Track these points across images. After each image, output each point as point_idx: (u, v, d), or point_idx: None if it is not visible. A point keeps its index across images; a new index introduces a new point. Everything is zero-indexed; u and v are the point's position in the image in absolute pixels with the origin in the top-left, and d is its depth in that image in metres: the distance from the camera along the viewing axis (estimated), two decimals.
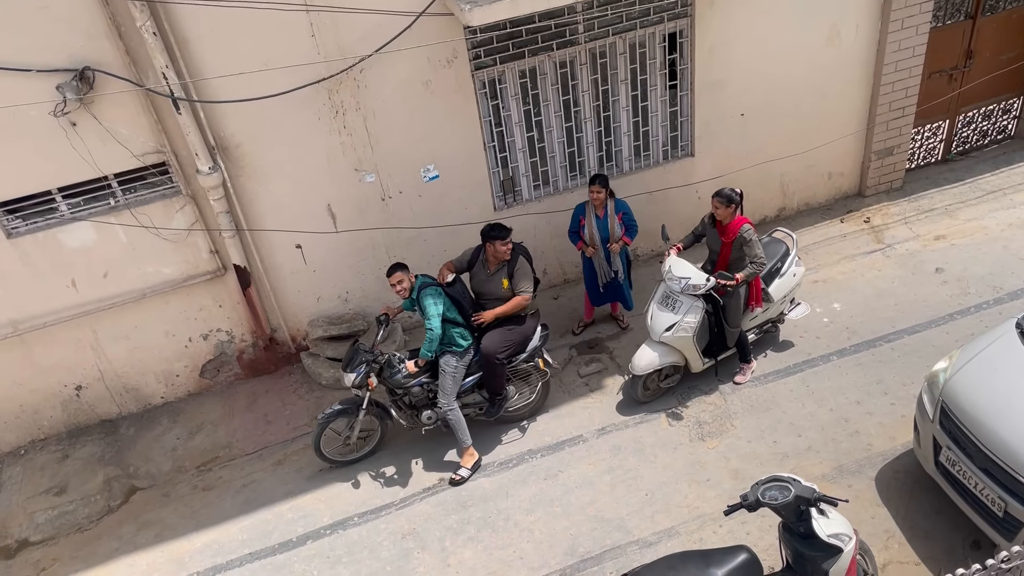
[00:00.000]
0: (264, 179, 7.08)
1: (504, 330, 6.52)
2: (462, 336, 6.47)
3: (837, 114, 8.70)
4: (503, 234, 6.40)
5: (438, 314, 6.26)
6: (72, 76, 6.05)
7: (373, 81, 6.91)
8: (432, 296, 6.30)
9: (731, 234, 6.53)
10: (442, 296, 6.37)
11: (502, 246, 6.41)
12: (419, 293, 6.36)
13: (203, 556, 6.35)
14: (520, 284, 6.49)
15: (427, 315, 6.25)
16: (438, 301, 6.30)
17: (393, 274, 6.37)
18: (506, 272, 6.51)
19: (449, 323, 6.39)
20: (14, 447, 7.62)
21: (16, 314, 6.97)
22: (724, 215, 6.52)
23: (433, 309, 6.25)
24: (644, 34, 7.62)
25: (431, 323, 6.24)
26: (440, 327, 6.27)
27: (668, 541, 5.86)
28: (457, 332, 6.45)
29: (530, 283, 6.58)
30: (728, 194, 6.48)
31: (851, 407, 6.68)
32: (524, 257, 6.59)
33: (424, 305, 6.28)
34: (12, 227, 6.66)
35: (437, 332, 6.27)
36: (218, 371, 7.98)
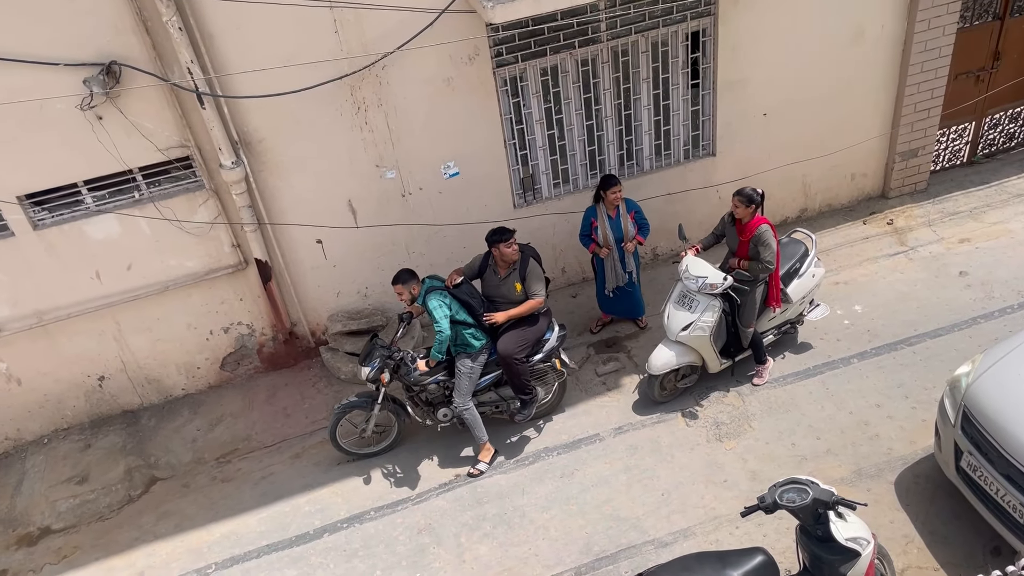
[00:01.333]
0: (286, 174, 7.13)
1: (519, 331, 6.51)
2: (474, 336, 6.46)
3: (861, 115, 8.62)
4: (506, 236, 6.36)
5: (445, 316, 6.25)
6: (99, 70, 6.12)
7: (395, 78, 6.94)
8: (437, 298, 6.29)
9: (748, 233, 6.51)
10: (447, 298, 6.35)
11: (507, 248, 6.37)
12: (424, 297, 6.36)
13: (221, 547, 6.41)
14: (533, 287, 6.47)
15: (434, 318, 6.25)
16: (443, 303, 6.29)
17: (395, 284, 6.37)
18: (518, 275, 6.49)
19: (459, 324, 6.38)
20: (38, 436, 7.73)
21: (41, 305, 7.06)
22: (744, 214, 6.49)
23: (439, 312, 6.24)
24: (667, 32, 7.59)
25: (439, 325, 6.23)
26: (448, 328, 6.26)
27: (684, 541, 5.85)
28: (469, 333, 6.44)
29: (543, 285, 6.56)
30: (749, 193, 6.45)
31: (871, 410, 6.62)
32: (533, 258, 6.57)
33: (429, 309, 6.28)
34: (38, 219, 6.75)
35: (446, 334, 6.25)
36: (238, 364, 8.05)
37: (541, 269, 6.63)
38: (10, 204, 6.55)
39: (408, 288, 6.36)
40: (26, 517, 7.00)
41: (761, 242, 6.44)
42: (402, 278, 6.37)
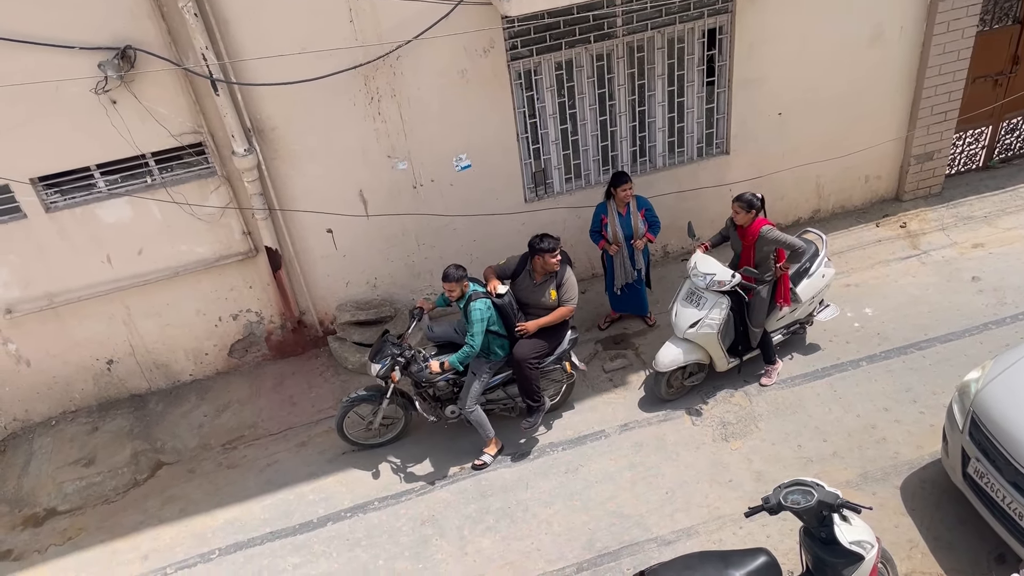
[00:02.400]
0: (298, 163, 7.13)
1: (538, 338, 6.43)
2: (501, 347, 6.41)
3: (877, 116, 8.56)
4: (552, 245, 6.23)
5: (482, 332, 6.15)
6: (114, 54, 6.13)
7: (409, 68, 6.93)
8: (482, 310, 6.15)
9: (751, 237, 6.48)
10: (491, 311, 6.24)
11: (551, 258, 6.26)
12: (468, 303, 6.23)
13: (225, 533, 6.44)
14: (568, 294, 6.39)
15: (472, 330, 6.14)
16: (486, 317, 6.17)
17: (447, 282, 6.19)
18: (554, 283, 6.40)
19: (492, 334, 6.31)
20: (46, 417, 7.78)
21: (52, 287, 7.10)
22: (744, 220, 6.46)
23: (479, 326, 6.13)
24: (683, 29, 7.55)
25: (474, 339, 6.13)
26: (481, 343, 6.18)
27: (687, 540, 5.83)
28: (497, 343, 6.38)
29: (576, 292, 6.48)
30: (748, 199, 6.42)
31: (879, 414, 6.59)
32: (569, 265, 6.50)
33: (472, 318, 6.14)
34: (51, 201, 6.78)
35: (476, 350, 6.17)
36: (246, 351, 8.07)
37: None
38: (23, 185, 6.57)
39: (460, 286, 6.22)
40: (32, 498, 7.04)
41: (769, 240, 6.40)
42: (455, 276, 6.19)
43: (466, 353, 6.20)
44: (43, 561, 6.48)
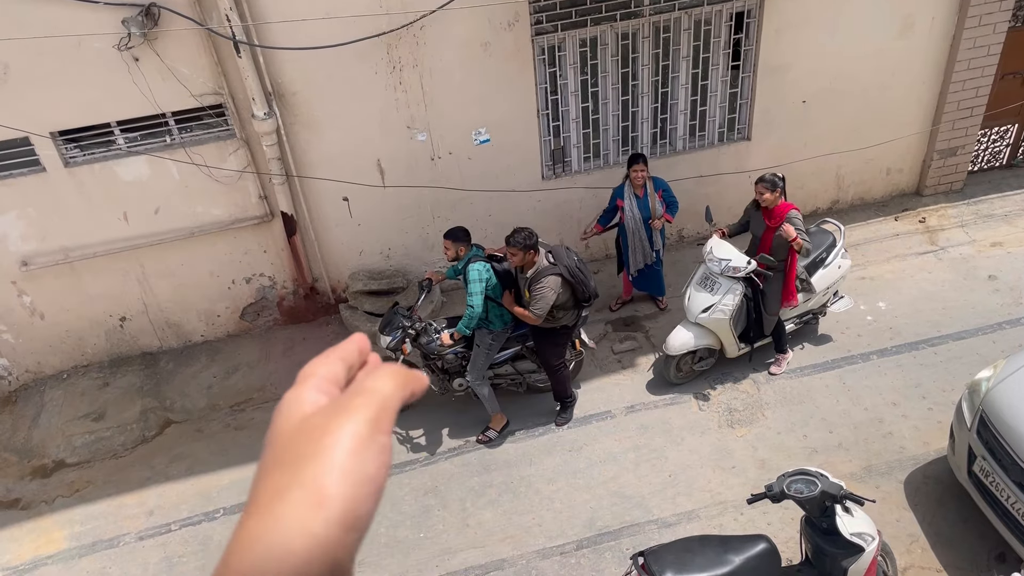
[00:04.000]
0: (317, 129, 7.12)
1: (551, 340, 6.31)
2: (500, 317, 6.29)
3: (902, 109, 8.46)
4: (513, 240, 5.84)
5: (481, 292, 5.99)
6: (138, 11, 6.12)
7: (432, 39, 6.88)
8: (479, 271, 6.00)
9: (777, 219, 6.41)
10: (489, 273, 6.09)
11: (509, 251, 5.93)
12: (466, 264, 6.09)
13: (230, 493, 6.51)
14: (533, 303, 5.95)
15: (470, 290, 6.03)
16: (483, 277, 6.01)
17: (446, 238, 6.07)
18: (528, 283, 6.03)
19: (490, 300, 6.16)
20: (57, 371, 7.86)
21: (68, 242, 7.14)
22: (770, 200, 6.39)
23: (477, 286, 5.98)
24: (711, 11, 7.46)
25: (473, 300, 6.01)
26: (481, 305, 6.02)
27: (687, 524, 5.86)
28: (496, 312, 6.26)
29: (544, 307, 5.92)
30: (771, 179, 6.36)
31: (887, 408, 6.58)
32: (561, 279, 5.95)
33: (469, 279, 6.01)
34: (70, 156, 6.80)
35: (478, 311, 6.02)
36: (258, 315, 8.12)
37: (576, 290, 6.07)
38: (43, 139, 6.59)
39: (457, 247, 6.09)
40: (42, 449, 7.14)
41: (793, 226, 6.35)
42: (456, 235, 6.06)
43: (469, 316, 6.05)
44: (50, 512, 6.57)
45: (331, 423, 0.59)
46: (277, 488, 0.56)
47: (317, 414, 0.61)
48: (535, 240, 5.92)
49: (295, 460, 0.57)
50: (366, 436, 0.58)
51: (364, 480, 0.57)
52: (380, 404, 0.61)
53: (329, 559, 0.53)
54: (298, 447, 0.58)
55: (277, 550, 0.52)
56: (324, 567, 0.53)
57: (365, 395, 0.62)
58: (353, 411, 0.60)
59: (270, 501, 0.56)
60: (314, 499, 0.55)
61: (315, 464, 0.56)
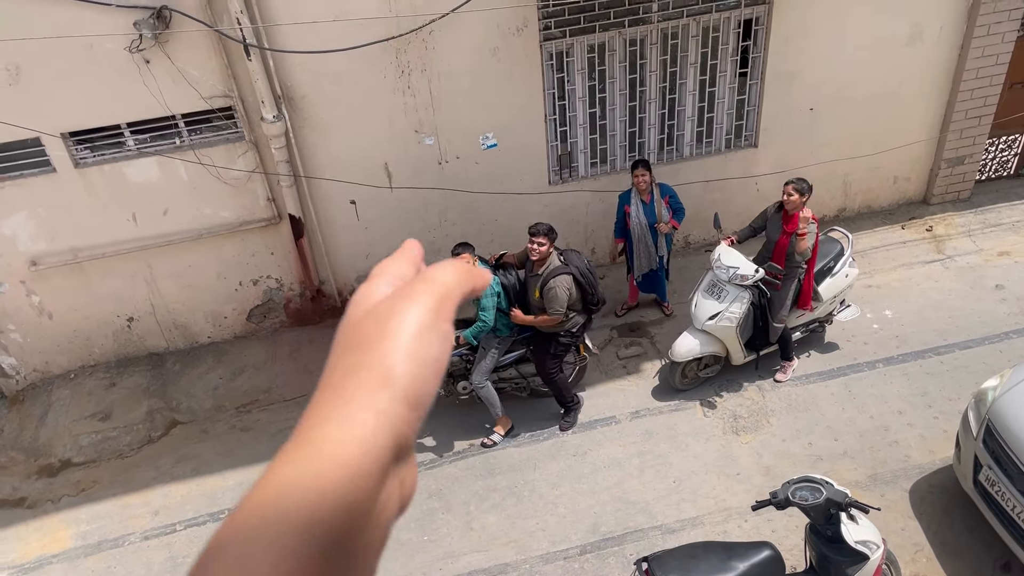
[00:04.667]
0: (326, 132, 7.15)
1: (548, 351, 6.35)
2: (506, 325, 6.39)
3: (910, 117, 8.46)
4: (536, 230, 6.05)
5: (494, 307, 6.12)
6: (149, 14, 6.16)
7: (441, 44, 6.91)
8: (491, 286, 6.11)
9: (795, 224, 6.42)
10: (499, 287, 6.24)
11: (531, 243, 6.05)
12: None
13: (235, 494, 6.52)
14: (550, 303, 6.07)
15: (482, 305, 6.12)
16: (496, 292, 6.16)
17: (462, 253, 6.11)
18: (540, 281, 6.13)
19: (499, 312, 6.30)
20: (65, 370, 7.89)
21: (77, 242, 7.18)
22: (795, 204, 6.35)
23: (490, 301, 6.11)
24: (719, 18, 7.47)
25: (485, 314, 6.11)
26: (493, 318, 6.16)
27: (691, 530, 5.85)
28: (502, 321, 6.36)
29: (561, 305, 6.06)
30: (801, 182, 6.36)
31: (892, 416, 6.56)
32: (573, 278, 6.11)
33: (482, 294, 6.07)
34: (80, 157, 6.84)
35: (489, 325, 6.14)
36: (264, 317, 8.14)
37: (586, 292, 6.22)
38: (54, 139, 6.64)
39: (473, 258, 6.14)
40: (48, 448, 7.16)
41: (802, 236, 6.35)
42: (469, 247, 6.15)
43: (479, 328, 6.18)
44: (56, 510, 6.60)
45: (396, 309, 0.62)
46: (346, 369, 0.60)
47: (384, 302, 0.64)
48: (555, 230, 6.11)
49: (363, 344, 0.61)
50: (429, 321, 0.61)
51: (427, 362, 0.60)
52: (442, 293, 0.64)
53: (394, 433, 0.56)
54: (366, 332, 0.62)
55: (347, 423, 0.55)
56: (389, 440, 0.56)
57: (428, 284, 0.65)
58: (417, 298, 0.63)
59: (340, 380, 0.59)
60: (381, 377, 0.58)
61: (381, 346, 0.60)
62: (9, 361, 7.69)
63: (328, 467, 0.53)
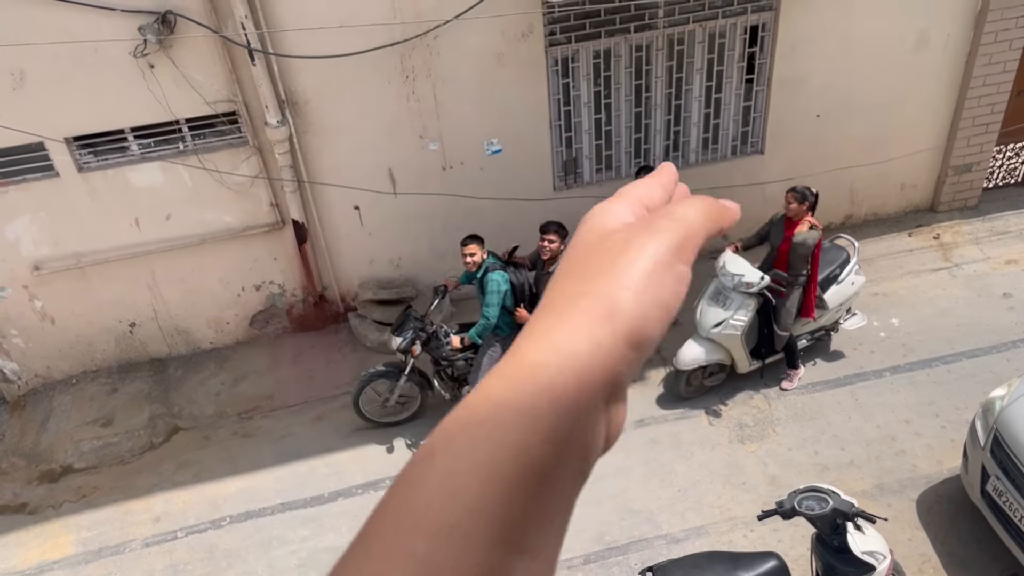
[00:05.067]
0: (329, 137, 7.13)
1: None
2: (509, 324, 6.33)
3: (917, 124, 8.41)
4: (547, 227, 6.15)
5: (498, 303, 6.07)
6: (154, 18, 6.15)
7: (446, 49, 6.89)
8: (498, 282, 6.06)
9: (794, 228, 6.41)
10: (508, 284, 6.15)
11: (543, 240, 6.14)
12: (485, 273, 6.13)
13: (237, 501, 6.49)
14: None
15: (487, 301, 6.07)
16: (502, 289, 6.08)
17: (468, 244, 6.14)
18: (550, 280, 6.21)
19: (504, 310, 6.23)
20: (67, 376, 7.87)
21: (80, 247, 7.16)
22: (796, 212, 6.34)
23: (495, 296, 6.05)
24: (725, 24, 7.45)
25: (489, 310, 6.06)
26: (496, 315, 6.09)
27: (696, 539, 5.80)
28: (505, 320, 6.29)
29: None
30: (802, 191, 6.32)
31: (899, 426, 6.51)
32: None
33: (488, 289, 6.05)
34: (84, 161, 6.83)
35: (493, 321, 6.09)
36: (267, 322, 8.11)
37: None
38: (58, 144, 6.62)
39: (481, 251, 6.16)
40: (50, 454, 7.14)
41: (799, 244, 6.32)
42: (477, 240, 6.15)
43: (483, 325, 6.12)
44: (57, 516, 6.57)
45: (633, 241, 0.58)
46: (570, 294, 0.57)
47: (621, 230, 0.60)
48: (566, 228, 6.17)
49: (592, 270, 0.57)
50: (666, 261, 0.57)
51: (657, 303, 0.56)
52: (686, 232, 0.59)
53: (610, 370, 0.53)
54: (597, 259, 0.58)
55: (564, 348, 0.53)
56: (604, 376, 0.53)
57: (672, 220, 0.60)
58: (658, 233, 0.59)
59: (562, 305, 0.56)
60: (604, 310, 0.55)
61: (611, 277, 0.56)
62: (11, 366, 7.67)
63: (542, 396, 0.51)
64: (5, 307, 7.33)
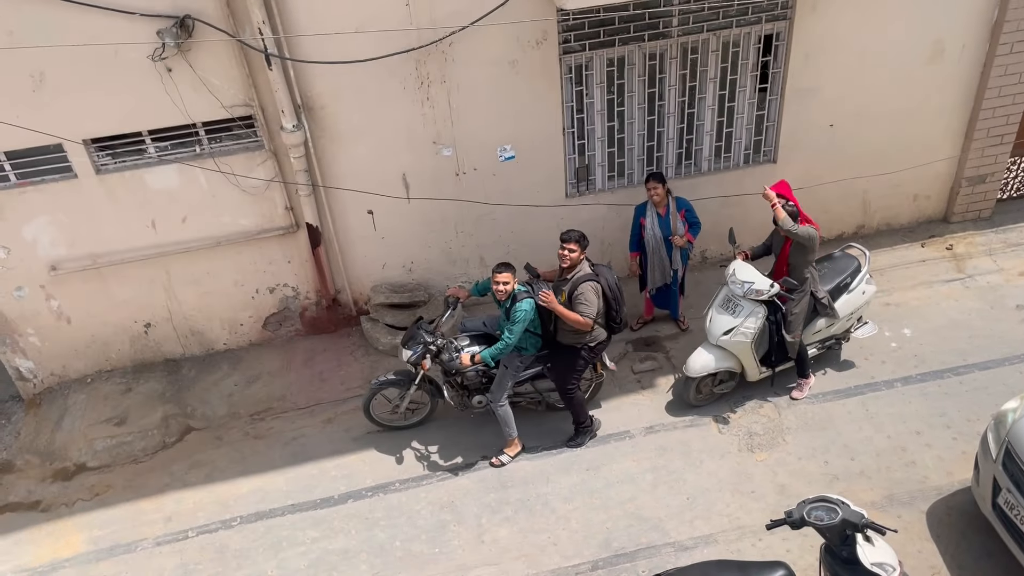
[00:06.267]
0: (344, 142, 7.18)
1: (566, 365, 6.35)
2: (534, 345, 6.36)
3: (931, 135, 8.39)
4: (567, 236, 6.11)
5: (521, 332, 6.10)
6: (173, 23, 6.22)
7: (461, 56, 6.93)
8: (526, 311, 6.04)
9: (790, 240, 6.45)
10: (535, 312, 6.14)
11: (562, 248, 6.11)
12: (514, 302, 6.09)
13: (248, 501, 6.53)
14: (579, 306, 6.07)
15: (512, 329, 6.06)
16: (529, 319, 6.08)
17: (501, 272, 6.07)
18: (570, 285, 6.12)
19: (527, 332, 6.23)
20: (82, 375, 7.94)
21: (97, 248, 7.23)
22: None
23: (520, 326, 6.05)
24: (739, 33, 7.46)
25: (510, 337, 6.05)
26: (516, 342, 6.10)
27: (705, 548, 5.80)
28: (530, 340, 6.31)
29: (591, 308, 6.08)
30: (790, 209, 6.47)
31: (910, 437, 6.49)
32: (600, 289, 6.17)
33: (515, 318, 6.04)
34: (101, 163, 6.90)
35: (511, 346, 6.10)
36: (280, 325, 8.17)
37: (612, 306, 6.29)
38: (76, 146, 6.70)
39: (514, 280, 6.11)
40: (64, 452, 7.20)
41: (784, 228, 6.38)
42: (510, 268, 6.10)
43: (500, 350, 6.14)
44: (70, 514, 6.63)
45: None
46: None
47: None
48: (586, 238, 6.18)
49: None
50: None
51: None
52: None
53: None
54: None
55: None
56: None
57: None
58: None
59: None
60: None
61: None
62: (27, 365, 7.75)
63: None
64: (22, 306, 7.42)
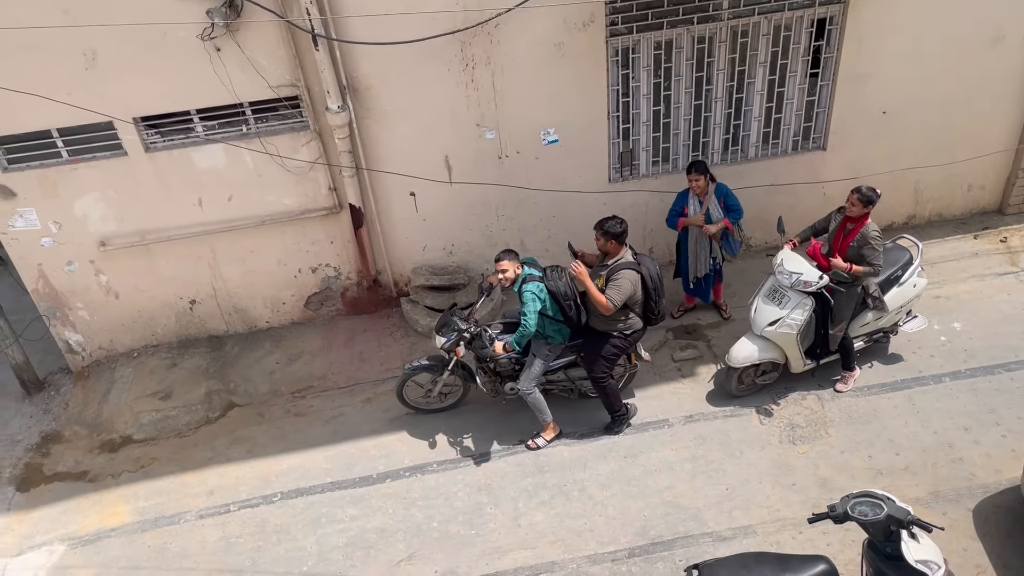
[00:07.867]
0: (388, 123, 7.19)
1: (601, 348, 6.28)
2: (559, 332, 6.32)
3: (988, 124, 8.14)
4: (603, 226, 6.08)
5: (535, 311, 6.05)
6: (222, 2, 6.26)
7: (506, 38, 6.88)
8: (533, 292, 6.05)
9: (853, 233, 6.26)
10: (544, 293, 6.13)
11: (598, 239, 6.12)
12: (521, 286, 6.12)
13: (288, 478, 6.62)
14: (611, 291, 6.01)
15: (524, 311, 6.07)
16: (537, 299, 6.06)
17: (500, 260, 6.12)
18: (607, 272, 6.11)
19: (546, 318, 6.21)
20: (129, 349, 8.10)
21: (145, 224, 7.35)
22: (857, 213, 6.20)
23: (532, 306, 6.04)
24: (791, 16, 7.29)
25: (527, 320, 6.04)
26: (535, 325, 6.07)
27: (743, 539, 5.74)
28: (553, 327, 6.28)
29: (619, 296, 6.00)
30: (867, 193, 6.13)
31: (958, 433, 6.34)
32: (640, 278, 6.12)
33: (524, 300, 6.07)
34: (151, 141, 7.00)
35: (531, 330, 6.07)
36: (322, 304, 8.24)
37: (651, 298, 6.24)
38: (127, 124, 6.80)
39: (514, 266, 6.13)
40: (111, 424, 7.37)
41: (867, 242, 6.17)
42: (509, 256, 6.14)
43: (521, 334, 6.13)
44: (116, 485, 6.78)
45: None
46: None
47: None
48: (620, 231, 6.06)
49: None
50: None
51: None
52: None
53: None
54: None
55: None
56: None
57: None
58: None
59: None
60: None
61: None
62: (76, 338, 7.93)
63: None
64: (72, 281, 7.58)
